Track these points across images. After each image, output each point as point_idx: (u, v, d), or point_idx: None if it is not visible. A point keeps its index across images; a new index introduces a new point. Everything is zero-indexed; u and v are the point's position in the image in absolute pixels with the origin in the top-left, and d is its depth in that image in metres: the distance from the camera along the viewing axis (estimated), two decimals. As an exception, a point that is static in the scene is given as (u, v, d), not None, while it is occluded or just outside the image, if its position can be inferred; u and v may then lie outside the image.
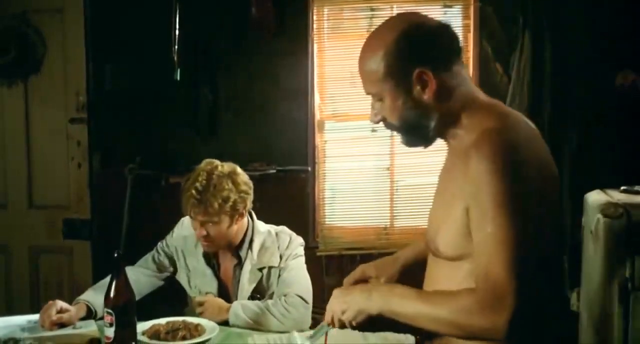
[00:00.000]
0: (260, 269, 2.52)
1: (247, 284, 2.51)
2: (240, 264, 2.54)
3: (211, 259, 2.58)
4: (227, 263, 2.58)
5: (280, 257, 2.53)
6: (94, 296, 2.37)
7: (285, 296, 2.41)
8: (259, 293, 2.51)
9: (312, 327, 2.41)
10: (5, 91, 3.99)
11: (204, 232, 2.43)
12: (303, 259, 2.58)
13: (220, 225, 2.42)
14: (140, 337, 2.13)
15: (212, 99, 3.96)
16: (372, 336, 2.09)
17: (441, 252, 1.59)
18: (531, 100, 3.74)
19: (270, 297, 2.49)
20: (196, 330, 2.24)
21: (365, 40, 1.61)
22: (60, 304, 2.32)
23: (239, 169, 2.51)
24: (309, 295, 2.45)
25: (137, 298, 2.12)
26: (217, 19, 3.92)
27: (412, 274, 1.89)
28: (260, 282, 2.51)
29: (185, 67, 3.88)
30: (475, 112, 1.55)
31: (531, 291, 1.40)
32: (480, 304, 1.41)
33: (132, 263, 2.57)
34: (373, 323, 1.58)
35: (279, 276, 2.51)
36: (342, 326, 1.61)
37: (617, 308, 2.76)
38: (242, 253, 2.54)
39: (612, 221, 2.73)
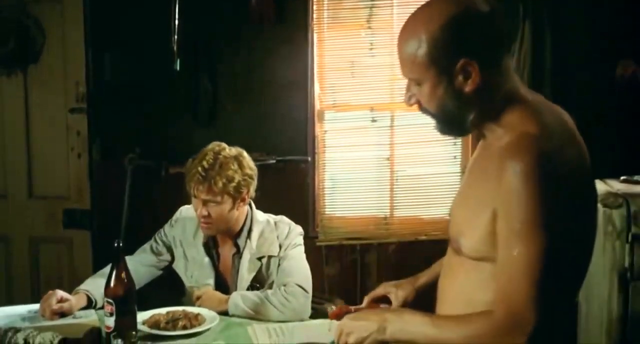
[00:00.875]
0: (260, 259, 2.52)
1: (246, 273, 2.51)
2: (239, 253, 2.54)
3: (210, 249, 2.58)
4: (226, 252, 2.59)
5: (280, 246, 2.53)
6: (94, 286, 2.37)
7: (284, 285, 2.41)
8: (259, 282, 2.51)
9: (312, 317, 2.42)
10: (4, 81, 3.98)
11: (205, 212, 2.44)
12: (302, 248, 2.58)
13: (222, 206, 2.43)
14: (140, 327, 2.14)
15: (211, 89, 3.95)
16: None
17: (464, 253, 1.56)
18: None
19: (270, 287, 2.49)
20: (196, 320, 2.25)
21: (407, 20, 1.51)
22: (61, 293, 2.33)
23: (245, 154, 2.53)
24: (308, 284, 2.45)
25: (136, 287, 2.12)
26: (216, 10, 3.90)
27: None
28: (259, 271, 2.52)
29: (185, 57, 3.87)
30: (516, 110, 1.49)
31: (551, 306, 1.38)
32: (497, 330, 1.39)
33: (132, 253, 2.57)
34: None
35: (279, 265, 2.52)
36: None
37: (617, 297, 2.77)
38: (241, 242, 2.54)
39: (611, 211, 2.74)
